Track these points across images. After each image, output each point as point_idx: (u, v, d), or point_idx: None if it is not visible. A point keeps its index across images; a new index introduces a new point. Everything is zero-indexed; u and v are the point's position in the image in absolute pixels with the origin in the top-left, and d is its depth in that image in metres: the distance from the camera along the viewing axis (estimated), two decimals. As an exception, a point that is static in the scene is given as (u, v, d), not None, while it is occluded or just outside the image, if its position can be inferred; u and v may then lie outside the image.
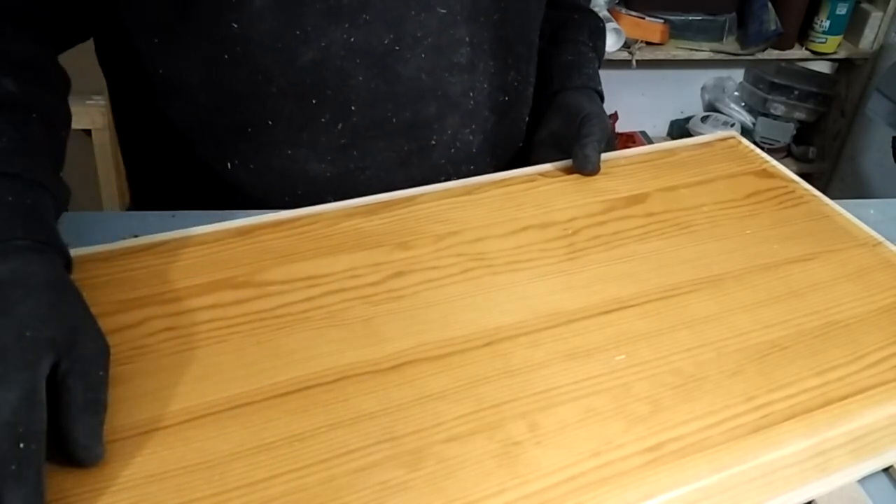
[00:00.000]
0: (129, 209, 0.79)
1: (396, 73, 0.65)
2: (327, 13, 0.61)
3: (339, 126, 0.66)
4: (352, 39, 0.62)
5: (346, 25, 0.62)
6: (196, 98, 0.65)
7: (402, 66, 0.65)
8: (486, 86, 0.70)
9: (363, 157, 0.68)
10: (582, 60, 0.81)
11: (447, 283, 0.58)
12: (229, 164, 0.68)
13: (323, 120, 0.65)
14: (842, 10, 2.01)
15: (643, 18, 1.98)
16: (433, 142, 0.70)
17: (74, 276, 0.56)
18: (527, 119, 0.80)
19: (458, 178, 0.71)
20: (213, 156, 0.68)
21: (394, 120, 0.67)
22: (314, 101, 0.64)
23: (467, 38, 0.67)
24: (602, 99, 0.80)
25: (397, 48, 0.64)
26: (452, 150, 0.71)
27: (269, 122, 0.65)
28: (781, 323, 0.56)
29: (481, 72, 0.69)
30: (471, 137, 0.72)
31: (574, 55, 0.81)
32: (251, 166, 0.67)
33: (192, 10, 0.60)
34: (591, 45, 0.84)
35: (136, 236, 0.60)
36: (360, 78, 0.64)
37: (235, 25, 0.60)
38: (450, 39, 0.66)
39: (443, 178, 0.72)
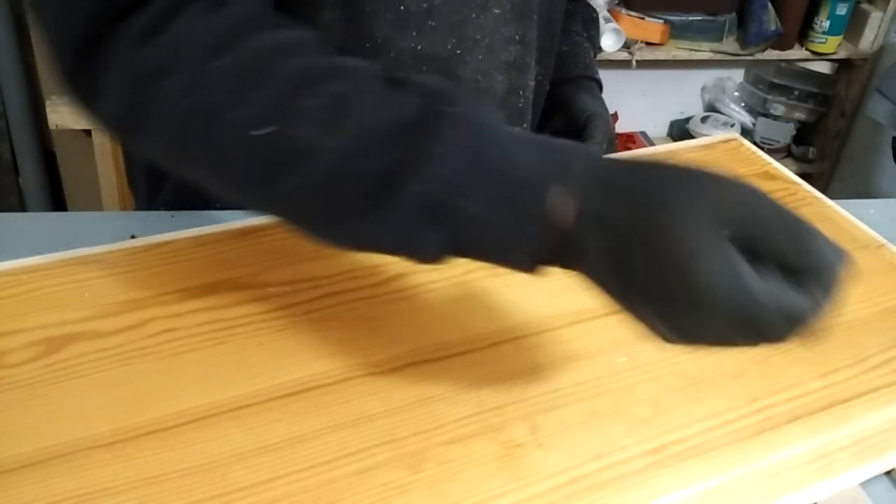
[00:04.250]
0: (139, 208, 0.76)
1: (457, 76, 0.65)
2: (396, 22, 0.60)
3: None
4: (419, 47, 0.62)
5: (414, 34, 0.61)
6: None
7: (462, 70, 0.65)
8: (530, 83, 0.70)
9: None
10: (578, 51, 0.81)
11: (449, 284, 0.57)
12: None
13: None
14: (842, 10, 2.00)
15: (643, 18, 1.97)
16: None
17: (73, 276, 0.55)
18: None
19: None
20: None
21: None
22: None
23: (517, 37, 0.67)
24: (601, 87, 0.80)
25: (459, 52, 0.64)
26: None
27: None
28: (783, 325, 0.56)
29: (531, 69, 0.70)
30: None
31: (569, 45, 0.81)
32: None
33: None
34: (585, 35, 0.84)
35: (134, 237, 0.60)
36: None
37: None
38: (501, 38, 0.66)
39: None
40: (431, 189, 0.38)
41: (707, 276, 0.35)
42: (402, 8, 0.60)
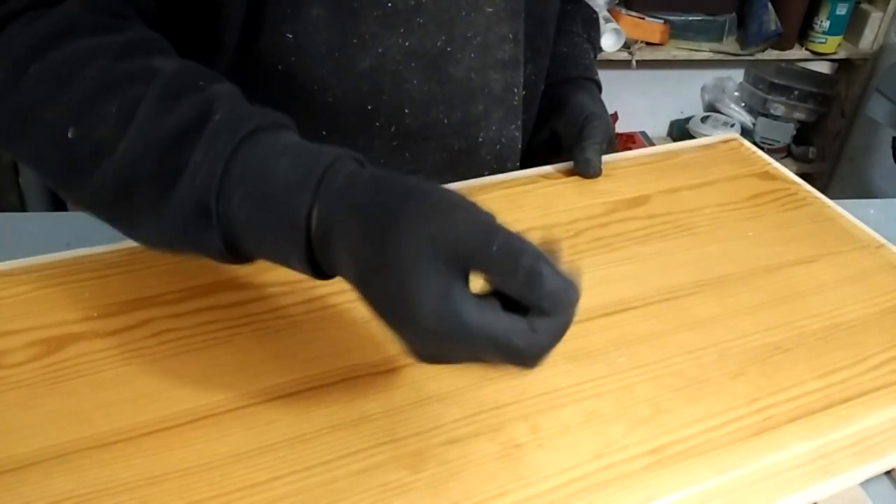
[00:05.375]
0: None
1: (448, 74, 0.65)
2: (383, 19, 0.61)
3: (393, 129, 0.66)
4: (407, 43, 0.62)
5: (402, 30, 0.62)
6: None
7: (453, 67, 0.65)
8: (522, 80, 0.71)
9: (415, 160, 0.69)
10: (577, 51, 0.81)
11: (449, 284, 0.57)
12: None
13: (377, 125, 0.65)
14: (842, 10, 2.01)
15: (643, 18, 1.97)
16: (480, 139, 0.70)
17: (73, 276, 0.56)
18: None
19: (503, 173, 0.72)
20: None
21: (445, 121, 0.67)
22: (369, 108, 0.64)
23: (510, 35, 0.67)
24: (600, 89, 0.80)
25: (449, 49, 0.64)
26: (498, 147, 0.72)
27: (323, 133, 0.64)
28: (784, 325, 0.56)
29: (522, 67, 0.70)
30: (517, 134, 0.72)
31: (569, 46, 0.81)
32: None
33: (244, 25, 0.59)
34: (584, 35, 0.84)
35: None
36: (415, 81, 0.64)
37: (290, 36, 0.59)
38: (495, 37, 0.66)
39: (486, 175, 0.72)
40: (195, 195, 0.40)
41: (420, 297, 0.35)
42: (389, 5, 0.60)
